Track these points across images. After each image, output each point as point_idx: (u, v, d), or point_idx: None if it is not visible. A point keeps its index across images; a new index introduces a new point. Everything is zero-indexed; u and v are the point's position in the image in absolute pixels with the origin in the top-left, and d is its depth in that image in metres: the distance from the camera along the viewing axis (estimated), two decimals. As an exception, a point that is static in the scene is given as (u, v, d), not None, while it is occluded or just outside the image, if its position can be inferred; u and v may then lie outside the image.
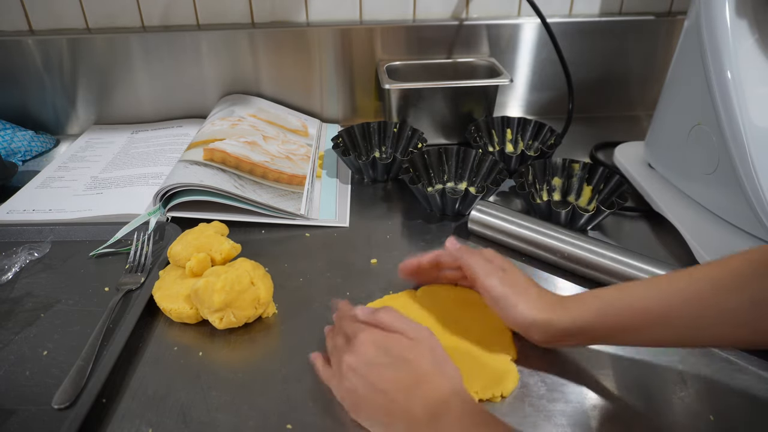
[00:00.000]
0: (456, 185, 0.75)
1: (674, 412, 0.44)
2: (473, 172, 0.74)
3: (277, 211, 0.68)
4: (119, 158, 0.83)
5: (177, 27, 0.89)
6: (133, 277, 0.58)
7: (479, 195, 0.66)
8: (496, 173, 0.70)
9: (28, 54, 0.86)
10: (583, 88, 0.91)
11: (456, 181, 0.75)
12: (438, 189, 0.73)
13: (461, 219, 0.68)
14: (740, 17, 0.58)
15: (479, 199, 0.66)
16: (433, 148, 0.74)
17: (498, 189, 0.68)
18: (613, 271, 0.55)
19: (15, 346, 0.51)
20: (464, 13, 0.91)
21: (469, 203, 0.67)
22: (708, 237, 0.61)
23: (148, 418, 0.44)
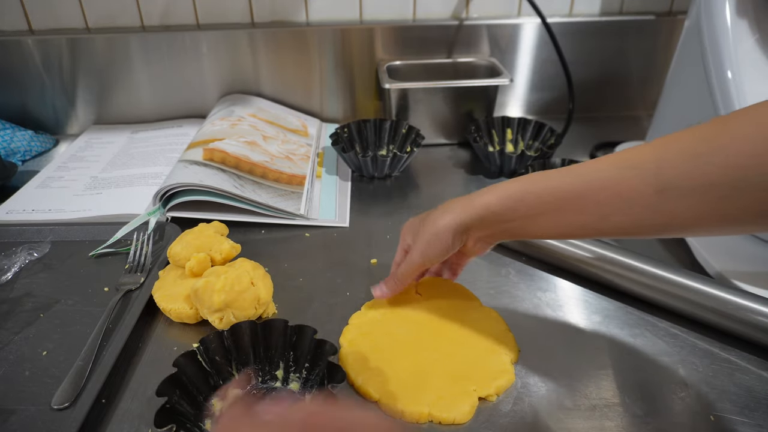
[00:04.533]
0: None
1: (674, 412, 0.44)
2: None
3: (276, 211, 0.68)
4: (119, 158, 0.83)
5: (177, 27, 0.89)
6: (132, 277, 0.58)
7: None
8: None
9: (28, 54, 0.86)
10: (583, 88, 0.91)
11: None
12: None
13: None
14: (740, 17, 0.58)
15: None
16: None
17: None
18: (614, 271, 0.55)
19: (14, 346, 0.51)
20: (464, 13, 0.91)
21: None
22: (708, 237, 0.61)
23: (148, 418, 0.44)
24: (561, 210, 0.40)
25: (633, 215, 0.38)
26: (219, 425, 0.36)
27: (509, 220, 0.43)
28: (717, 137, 0.34)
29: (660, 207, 0.36)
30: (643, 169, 0.37)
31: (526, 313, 0.54)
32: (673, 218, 0.37)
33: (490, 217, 0.44)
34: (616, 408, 0.44)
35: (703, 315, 0.51)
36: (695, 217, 0.36)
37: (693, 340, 0.51)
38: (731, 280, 0.54)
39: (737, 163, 0.33)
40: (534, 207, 0.42)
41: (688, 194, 0.35)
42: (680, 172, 0.35)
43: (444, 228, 0.45)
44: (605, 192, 0.38)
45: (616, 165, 0.38)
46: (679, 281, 0.52)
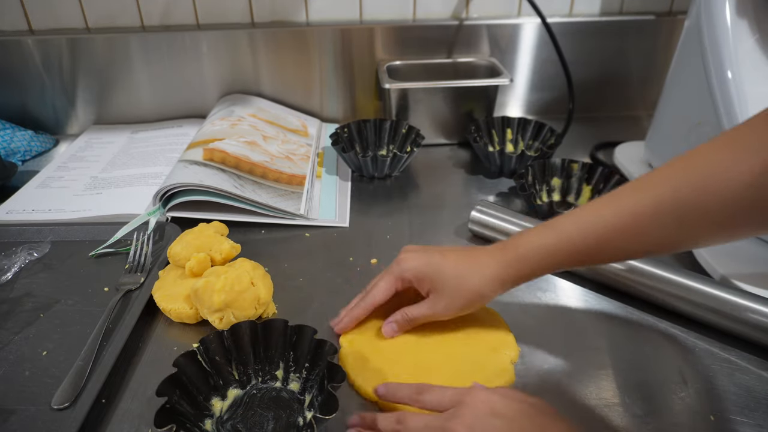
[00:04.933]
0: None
1: (674, 412, 0.44)
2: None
3: (276, 211, 0.68)
4: (119, 158, 0.83)
5: (177, 27, 0.89)
6: (132, 277, 0.58)
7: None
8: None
9: (28, 54, 0.86)
10: (583, 88, 0.91)
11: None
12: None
13: (463, 219, 0.68)
14: (740, 17, 0.58)
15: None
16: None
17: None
18: (614, 271, 0.55)
19: (14, 346, 0.51)
20: (464, 13, 0.91)
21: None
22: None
23: (147, 418, 0.44)
24: (589, 257, 0.44)
25: (649, 248, 0.42)
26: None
27: (538, 273, 0.46)
28: (729, 168, 0.37)
29: (679, 236, 0.40)
30: (660, 214, 0.39)
31: (526, 313, 0.54)
32: (691, 241, 0.42)
33: (522, 272, 0.46)
34: (616, 408, 0.44)
35: (703, 315, 0.51)
36: (710, 237, 0.40)
37: (693, 340, 0.51)
38: (732, 281, 0.54)
39: (745, 185, 0.36)
40: (564, 262, 0.45)
41: (705, 223, 0.39)
42: (696, 204, 0.38)
43: (491, 290, 0.46)
44: (626, 236, 0.41)
45: (634, 211, 0.41)
46: (679, 281, 0.52)
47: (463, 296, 0.46)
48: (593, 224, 0.42)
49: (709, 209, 0.38)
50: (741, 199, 0.37)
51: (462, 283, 0.46)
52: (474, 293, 0.46)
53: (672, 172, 0.40)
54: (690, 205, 0.38)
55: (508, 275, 0.46)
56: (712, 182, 0.37)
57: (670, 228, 0.40)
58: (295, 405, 0.45)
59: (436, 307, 0.47)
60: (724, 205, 0.37)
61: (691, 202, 0.38)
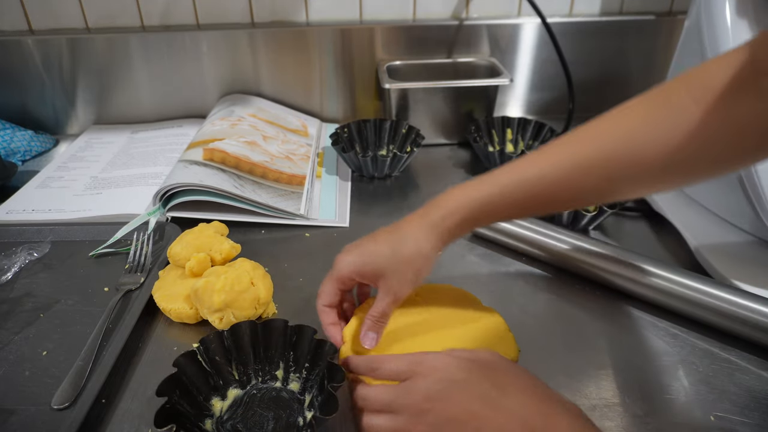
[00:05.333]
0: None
1: (674, 412, 0.44)
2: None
3: (276, 211, 0.68)
4: (119, 158, 0.83)
5: (177, 27, 0.89)
6: (132, 277, 0.58)
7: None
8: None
9: (28, 54, 0.86)
10: (583, 88, 0.91)
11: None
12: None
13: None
14: (740, 17, 0.58)
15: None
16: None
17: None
18: (614, 271, 0.55)
19: (14, 346, 0.51)
20: (464, 13, 0.91)
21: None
22: (708, 237, 0.61)
23: (147, 418, 0.44)
24: (521, 213, 0.46)
25: (584, 201, 0.45)
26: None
27: (472, 224, 0.47)
28: (659, 113, 0.40)
29: (611, 190, 0.43)
30: (591, 167, 0.42)
31: (526, 313, 0.54)
32: (623, 195, 0.44)
33: (461, 230, 0.46)
34: (616, 408, 0.44)
35: (703, 315, 0.51)
36: (644, 190, 0.46)
37: (693, 340, 0.51)
38: (731, 280, 0.54)
39: (673, 146, 0.39)
40: (500, 213, 0.46)
41: (634, 177, 0.41)
42: (625, 162, 0.41)
43: (431, 252, 0.45)
44: (560, 187, 0.43)
45: (570, 165, 0.43)
46: (679, 281, 0.52)
47: (407, 264, 0.45)
48: (529, 177, 0.44)
49: (634, 168, 0.40)
50: (663, 161, 0.39)
51: (400, 255, 0.45)
52: (415, 256, 0.45)
53: (600, 130, 0.42)
54: (616, 163, 0.41)
55: (443, 229, 0.45)
56: (635, 145, 0.40)
57: (600, 181, 0.42)
58: (295, 405, 0.45)
59: (390, 290, 0.46)
60: (647, 165, 0.40)
61: (618, 160, 0.41)
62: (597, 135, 0.42)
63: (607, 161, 0.41)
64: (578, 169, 0.42)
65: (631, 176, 0.41)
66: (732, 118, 0.37)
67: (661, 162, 0.40)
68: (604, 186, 0.43)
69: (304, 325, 0.46)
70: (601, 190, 0.43)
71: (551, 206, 0.46)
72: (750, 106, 0.37)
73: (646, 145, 0.40)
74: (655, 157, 0.40)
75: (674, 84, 0.40)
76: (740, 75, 0.37)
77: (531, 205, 0.45)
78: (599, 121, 0.43)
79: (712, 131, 0.38)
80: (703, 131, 0.38)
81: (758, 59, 0.36)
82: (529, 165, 0.44)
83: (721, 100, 0.37)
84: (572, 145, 0.43)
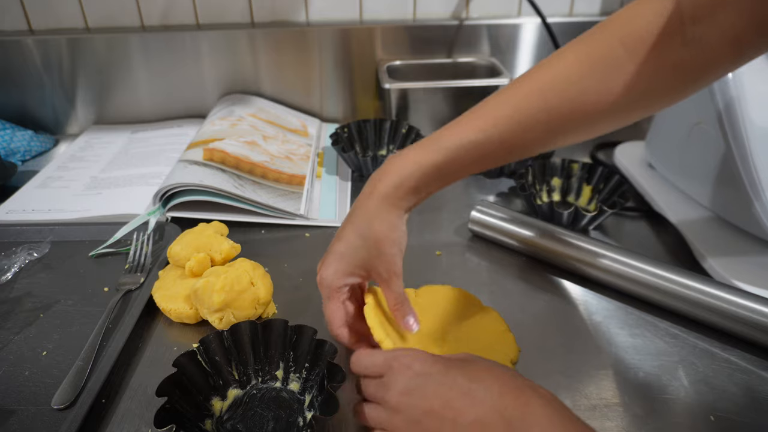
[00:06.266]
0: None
1: (674, 412, 0.44)
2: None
3: (276, 211, 0.68)
4: (119, 158, 0.83)
5: (177, 27, 0.89)
6: (132, 277, 0.58)
7: None
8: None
9: (28, 54, 0.86)
10: (583, 88, 0.91)
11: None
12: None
13: (463, 219, 0.68)
14: (740, 17, 0.58)
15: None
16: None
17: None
18: (614, 271, 0.55)
19: (14, 346, 0.51)
20: (464, 13, 0.91)
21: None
22: (708, 237, 0.61)
23: (148, 418, 0.44)
24: (470, 169, 0.46)
25: (530, 152, 0.46)
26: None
27: (430, 193, 0.47)
28: (584, 76, 0.41)
29: (554, 142, 0.45)
30: (532, 122, 0.43)
31: (526, 313, 0.54)
32: (565, 143, 0.45)
33: (417, 196, 0.46)
34: (616, 408, 0.44)
35: (703, 315, 0.51)
36: (579, 138, 0.45)
37: (693, 340, 0.51)
38: (731, 280, 0.54)
39: (610, 95, 0.41)
40: (450, 175, 0.46)
41: (576, 128, 0.43)
42: (565, 115, 0.42)
43: (397, 220, 0.45)
44: (504, 145, 0.44)
45: (514, 122, 0.43)
46: (679, 281, 0.52)
47: (384, 243, 0.44)
48: (473, 138, 0.45)
49: (574, 119, 0.42)
50: (601, 110, 0.41)
51: (373, 239, 0.44)
52: (386, 233, 0.44)
53: (538, 83, 0.43)
54: (557, 115, 0.42)
55: (397, 197, 0.45)
56: (573, 96, 0.41)
57: (542, 134, 0.43)
58: (295, 405, 0.45)
59: (385, 274, 0.45)
60: (586, 114, 0.42)
61: (558, 113, 0.42)
62: (535, 89, 0.43)
63: (548, 114, 0.42)
64: (520, 125, 0.43)
65: (571, 127, 0.43)
66: (662, 65, 0.39)
67: (599, 111, 0.41)
68: (546, 138, 0.44)
69: (304, 325, 0.46)
70: (545, 141, 0.45)
71: (497, 162, 0.47)
72: (678, 52, 0.38)
73: (583, 96, 0.41)
74: (594, 106, 0.41)
75: (605, 33, 0.41)
76: (668, 23, 0.38)
77: (477, 166, 0.46)
78: (536, 71, 0.44)
79: (644, 78, 0.39)
80: (636, 80, 0.40)
81: (683, 7, 0.38)
82: (471, 127, 0.45)
83: (652, 49, 0.39)
84: (511, 101, 0.44)
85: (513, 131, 0.43)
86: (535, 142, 0.44)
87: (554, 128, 0.43)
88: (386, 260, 0.44)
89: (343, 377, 0.41)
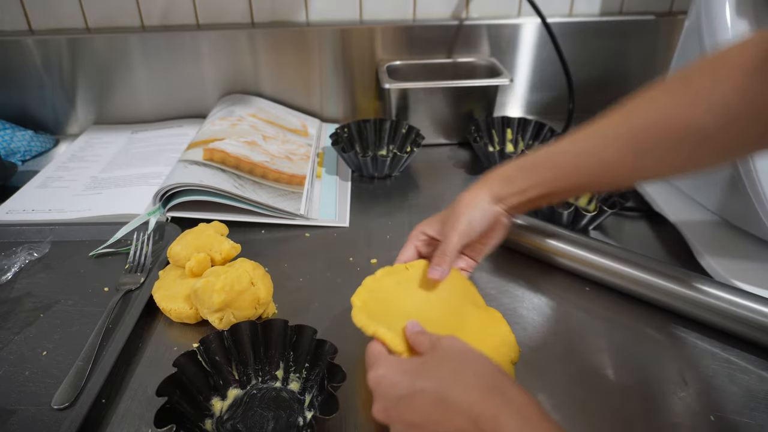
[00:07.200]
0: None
1: (674, 412, 0.44)
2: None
3: (276, 211, 0.68)
4: (119, 158, 0.83)
5: (177, 27, 0.89)
6: (132, 277, 0.58)
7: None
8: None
9: (28, 54, 0.86)
10: (583, 88, 0.91)
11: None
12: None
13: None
14: (740, 17, 0.58)
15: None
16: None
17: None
18: (614, 271, 0.55)
19: (14, 346, 0.51)
20: (464, 13, 0.91)
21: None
22: (708, 237, 0.61)
23: (148, 418, 0.44)
24: (560, 178, 0.48)
25: (617, 174, 0.46)
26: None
27: (524, 191, 0.49)
28: (681, 95, 0.41)
29: (638, 165, 0.44)
30: (619, 138, 0.44)
31: (526, 313, 0.54)
32: (652, 172, 0.46)
33: (510, 186, 0.50)
34: (616, 408, 0.44)
35: (703, 315, 0.51)
36: (669, 168, 0.45)
37: (693, 340, 0.51)
38: (731, 280, 0.54)
39: (700, 122, 0.39)
40: (541, 175, 0.48)
41: (662, 153, 0.42)
42: (653, 135, 0.42)
43: (483, 197, 0.50)
44: (591, 158, 0.46)
45: (598, 136, 0.46)
46: (679, 281, 0.52)
47: (459, 209, 0.50)
48: (555, 149, 0.48)
49: (661, 142, 0.42)
50: (688, 137, 0.40)
51: (455, 205, 0.51)
52: (467, 203, 0.50)
53: (627, 109, 0.45)
54: (644, 134, 0.42)
55: (492, 182, 0.50)
56: (661, 119, 0.42)
57: (627, 154, 0.44)
58: (295, 405, 0.45)
59: (447, 232, 0.50)
60: (673, 140, 0.41)
61: (646, 131, 0.42)
62: (624, 113, 0.44)
63: (632, 132, 0.43)
64: (604, 138, 0.45)
65: (657, 152, 0.42)
66: (751, 98, 0.38)
67: (685, 138, 0.40)
68: (631, 161, 0.44)
69: (304, 325, 0.46)
70: (630, 165, 0.44)
71: (587, 181, 0.47)
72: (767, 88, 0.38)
73: (671, 120, 0.41)
74: (680, 132, 0.40)
75: (694, 67, 0.41)
76: (758, 57, 0.37)
77: (572, 175, 0.47)
78: (626, 103, 0.45)
79: (732, 110, 0.38)
80: (724, 111, 0.39)
81: None
82: (570, 138, 0.47)
83: (740, 80, 0.38)
84: (604, 120, 0.45)
85: (597, 143, 0.45)
86: (619, 163, 0.44)
87: (640, 149, 0.43)
88: (452, 223, 0.50)
89: (343, 377, 0.41)
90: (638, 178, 0.49)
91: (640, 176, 0.48)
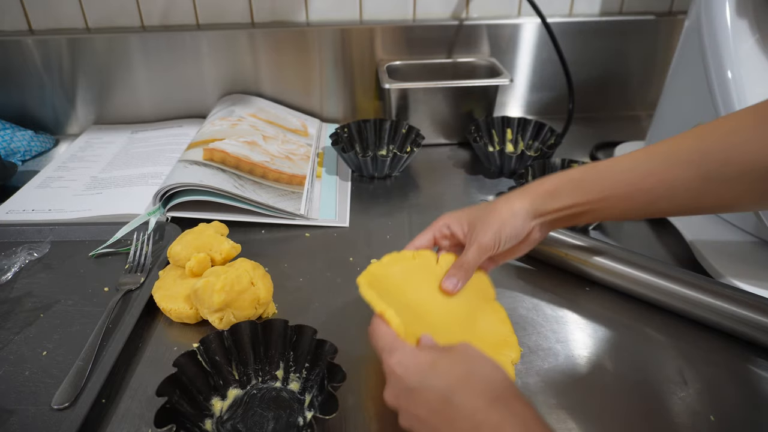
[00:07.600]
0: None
1: (674, 412, 0.44)
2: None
3: (276, 211, 0.68)
4: (119, 158, 0.83)
5: (177, 27, 0.89)
6: (132, 277, 0.58)
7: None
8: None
9: (28, 54, 0.86)
10: (583, 88, 0.91)
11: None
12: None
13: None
14: (740, 17, 0.58)
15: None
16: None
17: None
18: (614, 271, 0.55)
19: (14, 346, 0.51)
20: (464, 13, 0.91)
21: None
22: (708, 237, 0.61)
23: (148, 418, 0.44)
24: (612, 197, 0.45)
25: (677, 200, 0.44)
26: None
27: (568, 207, 0.47)
28: (754, 126, 0.39)
29: (704, 191, 0.42)
30: (688, 161, 0.42)
31: (527, 313, 0.54)
32: (715, 200, 0.43)
33: (554, 201, 0.47)
34: (616, 408, 0.44)
35: (703, 315, 0.51)
36: (736, 198, 0.42)
37: (693, 340, 0.51)
38: (731, 280, 0.54)
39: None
40: (591, 192, 0.46)
41: (730, 179, 0.40)
42: (722, 159, 0.40)
43: (520, 209, 0.47)
44: (652, 178, 0.43)
45: (664, 156, 0.43)
46: (680, 281, 0.52)
47: (492, 215, 0.47)
48: (620, 166, 0.45)
49: (729, 168, 0.40)
50: (759, 169, 0.39)
51: (489, 209, 0.48)
52: (501, 209, 0.47)
53: (702, 129, 0.42)
54: (712, 158, 0.41)
55: (534, 193, 0.48)
56: (733, 145, 0.40)
57: (694, 178, 0.42)
58: (295, 405, 0.45)
59: (473, 240, 0.47)
60: (742, 168, 0.40)
61: (714, 156, 0.41)
62: (696, 133, 0.43)
63: (703, 155, 0.41)
64: (671, 158, 0.43)
65: (724, 177, 0.41)
66: None
67: (756, 169, 0.39)
68: (697, 185, 0.42)
69: (304, 325, 0.46)
70: (694, 189, 0.42)
71: (641, 204, 0.45)
72: None
73: (744, 146, 0.40)
74: (752, 161, 0.39)
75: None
76: None
77: (617, 198, 0.45)
78: (696, 130, 0.43)
79: None
80: None
81: None
82: (620, 158, 0.46)
83: None
84: (669, 141, 0.44)
85: (663, 166, 0.43)
86: (685, 186, 0.42)
87: (707, 174, 0.41)
88: (482, 228, 0.47)
89: (343, 377, 0.41)
90: (699, 205, 0.45)
91: (702, 203, 0.45)
